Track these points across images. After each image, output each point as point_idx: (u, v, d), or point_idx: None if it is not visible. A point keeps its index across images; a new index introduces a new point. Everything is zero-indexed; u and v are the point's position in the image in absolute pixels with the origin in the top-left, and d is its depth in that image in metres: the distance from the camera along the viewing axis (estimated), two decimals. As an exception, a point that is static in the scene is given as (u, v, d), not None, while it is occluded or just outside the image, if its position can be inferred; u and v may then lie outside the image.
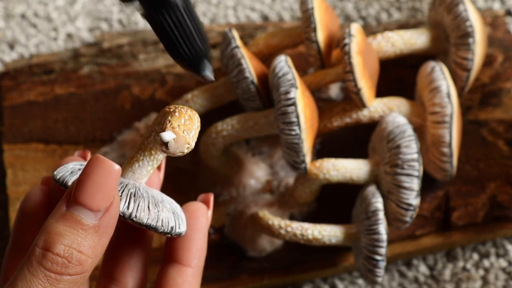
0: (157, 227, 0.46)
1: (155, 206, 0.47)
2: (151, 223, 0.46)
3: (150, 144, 0.47)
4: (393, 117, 0.61)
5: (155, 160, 0.48)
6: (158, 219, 0.47)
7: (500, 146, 0.66)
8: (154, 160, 0.48)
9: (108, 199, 0.44)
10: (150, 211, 0.46)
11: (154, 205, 0.47)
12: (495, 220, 0.65)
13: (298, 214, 0.64)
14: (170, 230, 0.47)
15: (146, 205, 0.47)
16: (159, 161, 0.48)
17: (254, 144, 0.66)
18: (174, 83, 0.69)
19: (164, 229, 0.47)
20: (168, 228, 0.47)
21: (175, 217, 0.48)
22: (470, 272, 0.66)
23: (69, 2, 0.75)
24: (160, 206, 0.47)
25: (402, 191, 0.58)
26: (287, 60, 0.60)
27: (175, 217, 0.48)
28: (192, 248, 0.50)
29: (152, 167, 0.48)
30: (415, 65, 0.67)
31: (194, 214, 0.50)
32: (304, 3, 0.62)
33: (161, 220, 0.47)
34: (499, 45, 0.68)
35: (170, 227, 0.47)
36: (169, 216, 0.47)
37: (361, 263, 0.60)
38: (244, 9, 0.75)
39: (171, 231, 0.47)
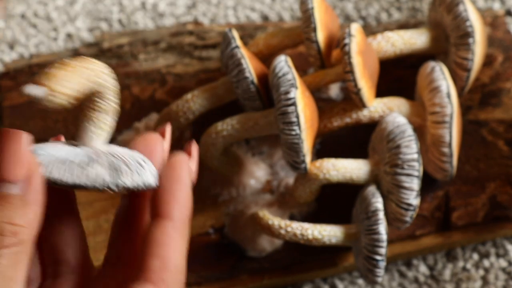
0: (84, 185, 0.46)
1: (86, 166, 0.46)
2: (75, 181, 0.45)
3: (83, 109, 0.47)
4: (393, 117, 0.61)
5: (91, 121, 0.47)
6: (86, 176, 0.46)
7: (500, 146, 0.66)
8: (90, 121, 0.47)
9: (23, 166, 0.43)
10: (75, 171, 0.46)
11: (85, 165, 0.46)
12: (495, 220, 0.65)
13: (298, 214, 0.64)
14: (110, 186, 0.46)
15: (73, 166, 0.46)
16: (99, 121, 0.47)
17: (254, 144, 0.66)
18: (174, 83, 0.69)
19: (97, 186, 0.46)
20: (102, 184, 0.46)
21: (120, 171, 0.46)
22: (470, 272, 0.66)
23: (69, 2, 0.75)
24: (94, 165, 0.46)
25: (402, 191, 0.58)
26: (287, 60, 0.60)
27: (120, 171, 0.46)
28: (170, 200, 0.46)
29: (95, 128, 0.47)
30: (415, 65, 0.67)
31: (173, 164, 0.47)
32: (304, 3, 0.62)
33: (89, 177, 0.46)
34: (499, 45, 0.68)
35: (106, 182, 0.46)
36: (102, 172, 0.46)
37: (361, 263, 0.60)
38: (244, 9, 0.75)
39: (116, 187, 0.46)
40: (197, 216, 0.64)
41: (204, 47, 0.70)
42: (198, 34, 0.70)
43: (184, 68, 0.69)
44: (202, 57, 0.69)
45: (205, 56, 0.69)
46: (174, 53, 0.70)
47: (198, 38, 0.70)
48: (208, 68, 0.69)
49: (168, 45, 0.70)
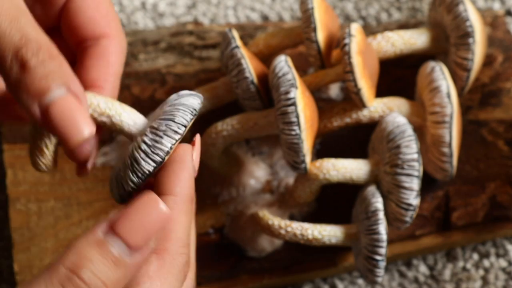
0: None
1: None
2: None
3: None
4: (393, 117, 0.61)
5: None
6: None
7: (500, 146, 0.66)
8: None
9: (147, 242, 0.43)
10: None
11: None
12: (495, 220, 0.65)
13: (298, 214, 0.64)
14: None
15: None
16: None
17: (254, 144, 0.66)
18: (174, 83, 0.69)
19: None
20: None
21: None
22: (470, 272, 0.66)
23: (69, 2, 0.75)
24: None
25: (402, 191, 0.58)
26: (287, 60, 0.60)
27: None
28: (172, 178, 0.47)
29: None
30: (415, 65, 0.67)
31: (177, 151, 0.48)
32: (304, 3, 0.62)
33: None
34: (499, 45, 0.68)
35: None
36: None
37: (361, 263, 0.60)
38: (244, 9, 0.75)
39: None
40: (197, 216, 0.64)
41: (204, 47, 0.70)
42: (198, 34, 0.70)
43: (184, 68, 0.69)
44: (202, 57, 0.69)
45: (205, 56, 0.70)
46: (174, 53, 0.70)
47: (198, 38, 0.70)
48: (208, 68, 0.69)
49: (168, 45, 0.70)
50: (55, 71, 0.44)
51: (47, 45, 0.44)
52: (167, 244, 0.46)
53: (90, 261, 0.42)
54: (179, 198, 0.47)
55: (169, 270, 0.45)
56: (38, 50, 0.44)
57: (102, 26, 0.51)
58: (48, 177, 0.66)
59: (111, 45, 0.51)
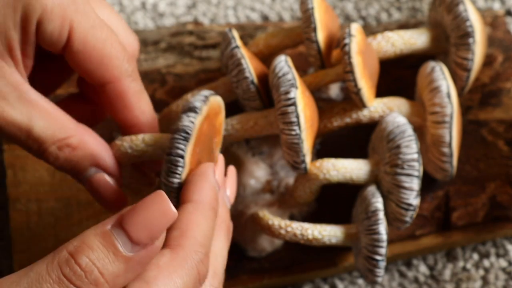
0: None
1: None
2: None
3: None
4: (393, 117, 0.61)
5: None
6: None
7: (500, 146, 0.66)
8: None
9: (151, 239, 0.43)
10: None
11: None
12: (495, 220, 0.65)
13: (298, 214, 0.64)
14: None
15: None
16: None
17: (254, 144, 0.66)
18: (174, 83, 0.69)
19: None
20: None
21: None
22: (470, 272, 0.66)
23: (69, 2, 0.75)
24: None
25: (402, 191, 0.58)
26: (287, 60, 0.60)
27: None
28: (191, 187, 0.50)
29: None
30: (415, 65, 0.67)
31: (199, 166, 0.52)
32: (304, 3, 0.62)
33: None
34: (499, 45, 0.68)
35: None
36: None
37: (361, 263, 0.60)
38: (244, 9, 0.75)
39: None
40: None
41: (204, 47, 0.70)
42: (198, 34, 0.70)
43: (184, 68, 0.69)
44: (202, 57, 0.69)
45: (205, 56, 0.70)
46: (174, 53, 0.70)
47: (198, 38, 0.70)
48: (208, 68, 0.69)
49: (168, 45, 0.70)
50: (84, 157, 0.54)
51: (69, 135, 0.53)
52: (183, 241, 0.47)
53: (91, 248, 0.42)
54: (199, 204, 0.49)
55: (180, 263, 0.46)
56: (72, 144, 0.54)
57: (111, 70, 0.54)
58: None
59: (124, 87, 0.55)
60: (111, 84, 0.55)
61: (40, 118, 0.52)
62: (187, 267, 0.46)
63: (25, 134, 0.52)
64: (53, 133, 0.53)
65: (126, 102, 0.55)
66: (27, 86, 0.52)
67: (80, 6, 0.52)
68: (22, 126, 0.52)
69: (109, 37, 0.54)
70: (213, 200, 0.50)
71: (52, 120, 0.53)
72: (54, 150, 0.53)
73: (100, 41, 0.53)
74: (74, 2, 0.52)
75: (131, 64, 0.55)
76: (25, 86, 0.52)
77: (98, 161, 0.54)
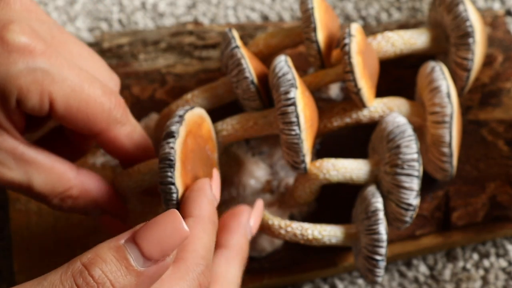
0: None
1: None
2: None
3: None
4: (393, 117, 0.61)
5: None
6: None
7: (500, 146, 0.66)
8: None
9: (163, 255, 0.45)
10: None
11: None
12: (495, 220, 0.65)
13: (298, 214, 0.64)
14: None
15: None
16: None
17: (254, 144, 0.66)
18: (174, 83, 0.69)
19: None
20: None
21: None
22: (470, 272, 0.66)
23: (69, 2, 0.75)
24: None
25: (402, 191, 0.58)
26: (287, 60, 0.60)
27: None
28: (190, 203, 0.52)
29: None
30: (415, 65, 0.67)
31: (196, 182, 0.54)
32: (304, 3, 0.62)
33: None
34: (499, 45, 0.68)
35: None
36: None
37: (361, 263, 0.60)
38: (244, 9, 0.75)
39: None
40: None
41: (204, 47, 0.70)
42: (198, 34, 0.70)
43: (184, 68, 0.69)
44: (202, 57, 0.69)
45: (205, 56, 0.70)
46: (174, 53, 0.70)
47: (198, 38, 0.70)
48: (208, 68, 0.69)
49: (168, 45, 0.70)
50: (87, 203, 0.57)
51: (72, 185, 0.56)
52: (184, 254, 0.49)
53: (105, 261, 0.44)
54: (198, 218, 0.51)
55: (182, 276, 0.48)
56: (73, 195, 0.56)
57: (99, 123, 0.55)
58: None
59: (115, 134, 0.56)
60: (101, 134, 0.56)
61: (38, 175, 0.54)
62: (188, 279, 0.48)
63: (26, 191, 0.54)
64: (53, 187, 0.55)
65: (119, 146, 0.57)
66: (22, 147, 0.54)
67: (56, 74, 0.52)
68: (23, 185, 0.54)
69: (91, 93, 0.54)
70: (212, 213, 0.52)
71: (51, 175, 0.54)
72: (57, 202, 0.55)
73: (83, 101, 0.54)
74: (49, 73, 0.52)
75: (118, 110, 0.56)
76: (20, 148, 0.53)
77: (101, 205, 0.57)
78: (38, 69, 0.51)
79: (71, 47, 0.56)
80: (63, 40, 0.55)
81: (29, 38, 0.52)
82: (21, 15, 0.54)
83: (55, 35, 0.55)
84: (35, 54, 0.51)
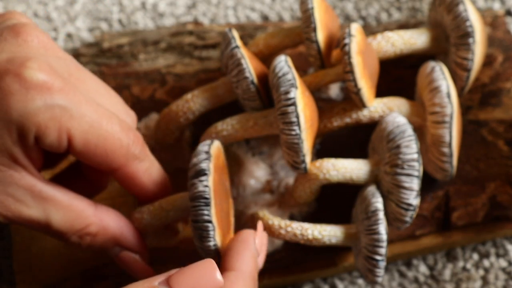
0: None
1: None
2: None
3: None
4: (393, 117, 0.61)
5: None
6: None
7: (500, 146, 0.66)
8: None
9: None
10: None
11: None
12: (495, 220, 0.65)
13: (298, 214, 0.64)
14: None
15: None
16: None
17: (254, 144, 0.66)
18: (174, 83, 0.69)
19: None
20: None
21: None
22: (470, 272, 0.66)
23: (69, 2, 0.75)
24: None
25: (402, 191, 0.58)
26: (287, 60, 0.60)
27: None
28: (234, 255, 0.54)
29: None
30: (415, 65, 0.67)
31: (240, 232, 0.56)
32: (304, 3, 0.62)
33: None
34: (499, 45, 0.68)
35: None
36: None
37: (361, 263, 0.60)
38: (244, 9, 0.75)
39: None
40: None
41: (204, 47, 0.70)
42: (198, 34, 0.70)
43: (184, 68, 0.69)
44: (202, 57, 0.69)
45: (205, 56, 0.70)
46: (174, 53, 0.70)
47: (198, 38, 0.70)
48: (208, 68, 0.69)
49: (168, 45, 0.70)
50: (106, 241, 0.57)
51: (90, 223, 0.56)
52: None
53: None
54: (240, 273, 0.52)
55: None
56: (92, 232, 0.56)
57: (117, 159, 0.55)
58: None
59: (133, 170, 0.57)
60: (120, 170, 0.56)
61: (56, 212, 0.54)
62: None
63: (44, 228, 0.55)
64: (72, 225, 0.55)
65: (137, 181, 0.57)
66: (40, 184, 0.54)
67: (74, 111, 0.53)
68: (41, 222, 0.54)
69: (110, 129, 0.54)
70: (254, 269, 0.53)
71: (69, 212, 0.55)
72: (76, 239, 0.56)
73: (101, 138, 0.54)
74: (67, 109, 0.52)
75: (137, 146, 0.56)
76: (38, 186, 0.54)
77: (121, 242, 0.57)
78: (56, 106, 0.52)
79: (88, 83, 0.56)
80: (80, 76, 0.56)
81: (46, 75, 0.52)
82: (39, 52, 0.54)
83: (72, 72, 0.55)
84: (53, 91, 0.52)
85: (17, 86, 0.51)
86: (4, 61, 0.52)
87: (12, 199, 0.53)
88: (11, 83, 0.51)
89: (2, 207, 0.53)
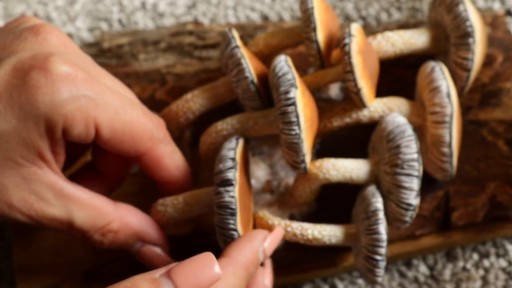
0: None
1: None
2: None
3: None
4: (393, 117, 0.61)
5: None
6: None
7: (500, 146, 0.66)
8: None
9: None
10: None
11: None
12: (495, 220, 0.65)
13: (298, 214, 0.64)
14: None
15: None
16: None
17: (254, 144, 0.66)
18: (174, 83, 0.69)
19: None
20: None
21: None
22: (470, 272, 0.66)
23: (69, 2, 0.75)
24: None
25: (402, 191, 0.58)
26: (287, 60, 0.60)
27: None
28: (233, 245, 0.55)
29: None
30: (415, 65, 0.67)
31: (250, 229, 0.57)
32: (304, 3, 0.62)
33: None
34: (499, 45, 0.68)
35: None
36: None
37: (361, 263, 0.60)
38: (244, 9, 0.75)
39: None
40: (197, 216, 0.64)
41: (204, 47, 0.70)
42: (198, 34, 0.70)
43: (184, 68, 0.69)
44: (202, 57, 0.69)
45: (205, 56, 0.70)
46: (174, 53, 0.70)
47: (198, 38, 0.70)
48: (208, 68, 0.69)
49: (168, 45, 0.70)
50: (128, 237, 0.57)
51: (111, 219, 0.57)
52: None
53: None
54: (233, 260, 0.53)
55: None
56: (114, 229, 0.57)
57: (144, 144, 0.57)
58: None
59: (159, 154, 0.58)
60: (146, 154, 0.57)
61: (78, 210, 0.55)
62: None
63: (67, 227, 0.55)
64: (94, 222, 0.56)
65: (163, 165, 0.58)
66: (61, 182, 0.54)
67: (99, 100, 0.54)
68: (63, 221, 0.55)
69: (134, 114, 0.56)
70: (249, 261, 0.53)
71: (91, 210, 0.55)
72: (98, 237, 0.56)
73: (127, 123, 0.55)
74: (93, 99, 0.53)
75: (161, 130, 0.57)
76: (60, 183, 0.54)
77: (143, 237, 0.58)
78: (81, 96, 0.53)
79: (105, 78, 0.57)
80: (98, 73, 0.57)
81: (70, 67, 0.53)
82: (59, 49, 0.56)
83: (90, 68, 0.56)
84: (77, 82, 0.53)
85: (43, 79, 0.52)
86: (28, 58, 0.53)
87: (35, 197, 0.53)
88: (37, 77, 0.52)
89: (25, 207, 0.53)
